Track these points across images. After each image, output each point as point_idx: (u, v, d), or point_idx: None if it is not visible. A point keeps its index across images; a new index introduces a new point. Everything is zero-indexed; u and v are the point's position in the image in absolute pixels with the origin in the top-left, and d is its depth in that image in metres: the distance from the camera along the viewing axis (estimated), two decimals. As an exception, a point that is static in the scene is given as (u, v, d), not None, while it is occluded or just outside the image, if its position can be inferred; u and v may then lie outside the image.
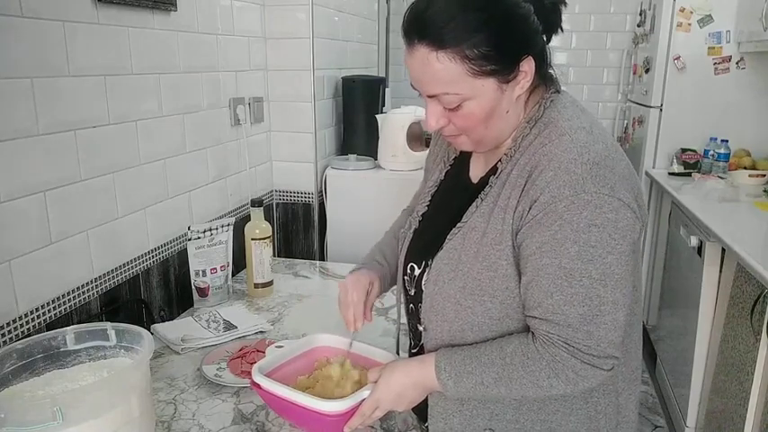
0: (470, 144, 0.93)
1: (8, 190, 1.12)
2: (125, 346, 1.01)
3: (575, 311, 0.82)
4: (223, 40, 1.81)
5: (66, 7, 1.22)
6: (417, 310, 1.01)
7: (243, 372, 1.22)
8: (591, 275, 0.80)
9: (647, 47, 3.05)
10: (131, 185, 1.45)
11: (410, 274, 1.03)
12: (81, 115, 1.28)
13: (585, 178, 0.80)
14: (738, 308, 1.79)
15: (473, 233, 0.90)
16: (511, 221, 0.86)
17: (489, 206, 0.89)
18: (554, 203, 0.80)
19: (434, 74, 0.83)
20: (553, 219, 0.81)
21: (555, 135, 0.85)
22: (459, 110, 0.85)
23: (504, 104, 0.86)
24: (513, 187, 0.86)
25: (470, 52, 0.80)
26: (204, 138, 1.75)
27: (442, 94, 0.84)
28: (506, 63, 0.83)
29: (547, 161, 0.83)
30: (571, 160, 0.82)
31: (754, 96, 2.72)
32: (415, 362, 0.95)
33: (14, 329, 1.15)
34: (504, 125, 0.90)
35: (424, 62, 0.82)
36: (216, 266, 1.60)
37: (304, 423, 1.04)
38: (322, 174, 2.24)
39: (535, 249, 0.83)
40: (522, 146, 0.89)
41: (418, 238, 1.05)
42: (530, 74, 0.85)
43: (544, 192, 0.81)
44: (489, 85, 0.83)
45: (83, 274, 1.32)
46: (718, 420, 1.88)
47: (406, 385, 0.93)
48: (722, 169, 2.66)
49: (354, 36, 2.57)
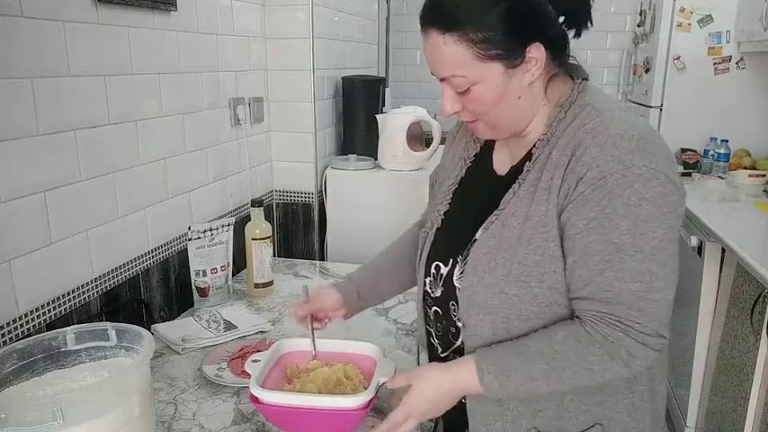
0: (488, 129, 0.93)
1: (8, 190, 1.12)
2: (125, 346, 1.01)
3: (627, 288, 0.80)
4: (223, 40, 1.81)
5: (67, 7, 1.21)
6: (448, 311, 0.99)
7: (243, 372, 1.21)
8: (642, 250, 0.79)
9: (647, 47, 3.05)
10: (131, 185, 1.45)
11: (435, 274, 1.01)
12: (81, 115, 1.28)
13: (634, 152, 0.80)
14: (738, 308, 1.79)
15: (512, 219, 0.88)
16: (555, 200, 0.85)
17: (530, 190, 0.88)
18: (603, 178, 0.80)
19: (442, 56, 0.85)
20: (602, 194, 0.80)
21: (594, 114, 0.86)
22: (469, 93, 0.86)
23: (514, 90, 0.86)
24: (556, 167, 0.85)
25: (475, 36, 0.81)
26: (204, 138, 1.75)
27: (451, 77, 0.86)
28: (512, 48, 0.83)
29: (591, 138, 0.83)
30: (617, 135, 0.81)
31: (754, 96, 2.72)
32: (449, 366, 0.91)
33: (14, 329, 1.15)
34: (519, 111, 0.89)
35: (434, 45, 0.85)
36: (216, 266, 1.60)
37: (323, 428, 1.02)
38: (322, 174, 2.24)
39: (583, 226, 0.82)
40: (559, 129, 0.88)
41: (442, 237, 1.03)
42: (540, 61, 0.85)
43: (592, 167, 0.81)
44: (495, 69, 0.84)
45: (83, 274, 1.32)
46: (718, 420, 1.88)
47: (440, 392, 0.90)
48: (722, 169, 2.66)
49: (354, 36, 2.57)
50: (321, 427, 1.00)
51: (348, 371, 1.08)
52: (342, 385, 1.05)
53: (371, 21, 2.82)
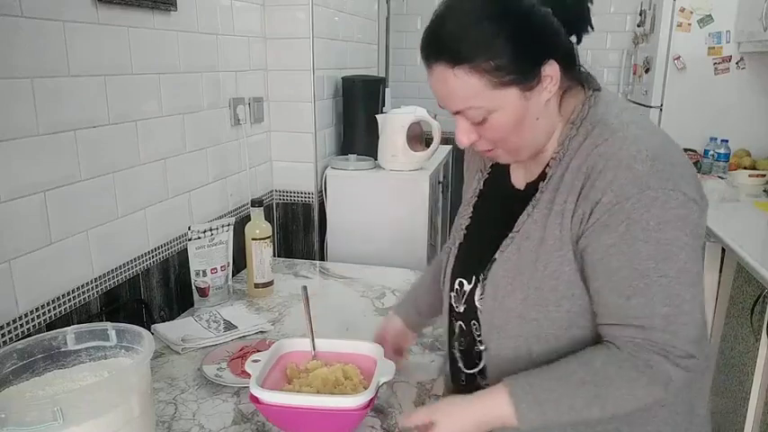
0: (507, 155, 0.91)
1: (8, 190, 1.12)
2: (125, 346, 1.01)
3: (658, 313, 0.78)
4: (223, 40, 1.81)
5: (67, 7, 1.21)
6: (469, 328, 0.97)
7: (243, 372, 1.21)
8: (667, 274, 0.77)
9: (647, 47, 3.05)
10: (131, 185, 1.45)
11: (459, 291, 0.99)
12: (81, 115, 1.28)
13: (649, 174, 0.77)
14: (738, 308, 1.79)
15: (528, 242, 0.87)
16: (569, 226, 0.83)
17: (543, 212, 0.87)
18: (619, 203, 0.78)
19: (454, 90, 0.82)
20: (620, 219, 0.78)
21: (607, 133, 0.83)
22: (486, 123, 0.84)
23: (533, 111, 0.84)
24: (569, 191, 0.84)
25: (486, 65, 0.79)
26: (204, 138, 1.75)
27: (466, 110, 0.83)
28: (526, 71, 0.81)
29: (604, 161, 0.80)
30: (630, 157, 0.79)
31: (754, 96, 2.72)
32: (475, 398, 0.86)
33: (14, 329, 1.15)
34: (538, 132, 0.87)
35: (444, 80, 0.82)
36: (216, 266, 1.60)
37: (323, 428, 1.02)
38: (322, 174, 2.24)
39: (603, 253, 0.80)
40: (572, 148, 0.86)
41: (465, 252, 1.02)
42: (555, 78, 0.83)
43: (606, 193, 0.79)
44: (511, 94, 0.81)
45: (83, 274, 1.32)
46: (718, 420, 1.88)
47: (468, 424, 0.84)
48: (722, 169, 2.66)
49: (354, 36, 2.57)
50: (321, 427, 1.00)
51: (348, 371, 1.08)
52: (341, 385, 1.05)
53: (371, 21, 2.82)
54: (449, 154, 2.80)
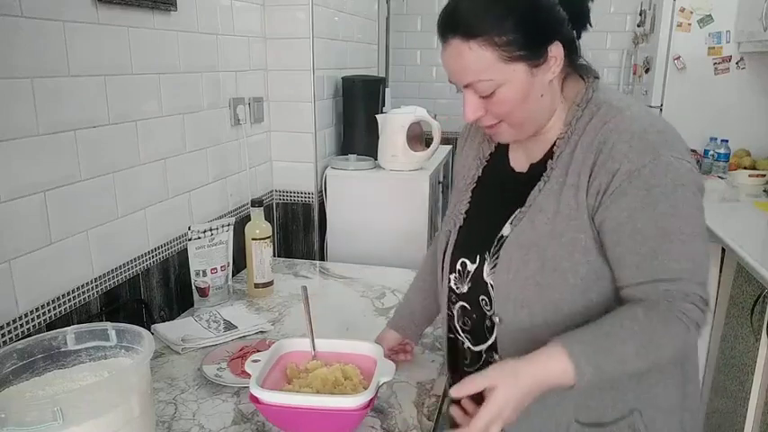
0: (510, 131, 0.95)
1: (8, 190, 1.12)
2: (125, 346, 1.01)
3: (681, 267, 0.85)
4: (223, 40, 1.81)
5: (67, 7, 1.21)
6: (478, 306, 1.01)
7: (243, 372, 1.21)
8: (685, 231, 0.85)
9: (647, 47, 3.05)
10: (131, 185, 1.45)
11: (462, 271, 1.03)
12: (81, 115, 1.28)
13: (661, 144, 0.85)
14: (738, 308, 1.79)
15: (542, 215, 0.92)
16: (585, 197, 0.89)
17: (555, 187, 0.92)
18: (637, 170, 0.84)
19: (468, 63, 0.87)
20: (638, 184, 0.84)
21: (614, 112, 0.90)
22: (494, 96, 0.89)
23: (537, 88, 0.90)
24: (581, 166, 0.89)
25: (499, 39, 0.85)
26: (204, 138, 1.75)
27: (476, 82, 0.89)
28: (534, 48, 0.87)
29: (617, 135, 0.87)
30: (642, 130, 0.87)
31: (754, 96, 2.72)
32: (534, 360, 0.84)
33: (14, 329, 1.15)
34: (540, 109, 0.93)
35: (458, 54, 0.88)
36: (216, 266, 1.60)
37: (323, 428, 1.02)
38: (322, 174, 2.24)
39: (626, 217, 0.86)
40: (579, 127, 0.92)
41: (466, 234, 1.06)
42: (559, 59, 0.90)
43: (623, 162, 0.85)
44: (520, 69, 0.87)
45: (83, 274, 1.32)
46: (718, 420, 1.88)
47: (530, 390, 0.83)
48: (722, 169, 2.66)
49: (354, 36, 2.57)
50: (321, 427, 1.00)
51: (348, 371, 1.08)
52: (341, 385, 1.05)
53: (371, 21, 2.82)
54: (449, 154, 2.80)
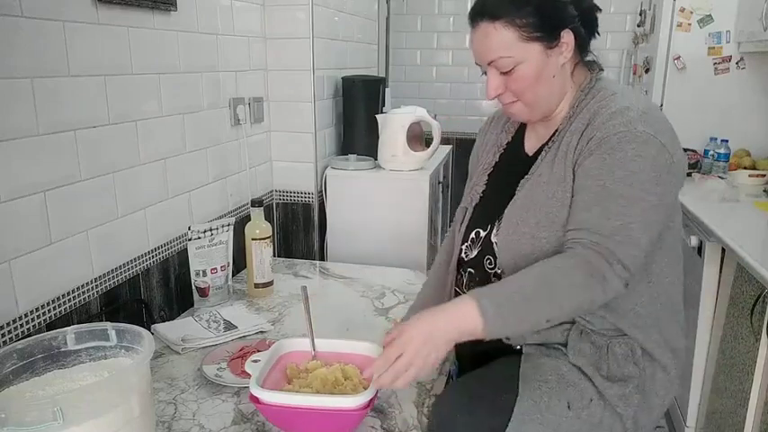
0: (525, 110, 1.08)
1: (8, 190, 1.12)
2: (125, 346, 1.01)
3: (609, 224, 0.94)
4: (223, 40, 1.81)
5: (67, 7, 1.22)
6: (482, 267, 1.12)
7: (243, 372, 1.21)
8: (628, 197, 0.94)
9: (647, 47, 3.05)
10: (131, 185, 1.45)
11: (474, 239, 1.15)
12: (81, 115, 1.28)
13: (637, 120, 0.96)
14: (738, 308, 1.79)
15: (539, 179, 1.06)
16: (572, 158, 1.02)
17: (552, 155, 1.06)
18: (608, 137, 0.96)
19: (492, 42, 1.02)
20: (605, 149, 0.96)
21: (608, 94, 1.04)
22: (513, 73, 1.03)
23: (551, 69, 1.04)
24: (573, 135, 1.03)
25: (520, 21, 1.00)
26: (204, 138, 1.75)
27: (499, 59, 1.03)
28: (549, 31, 1.02)
29: (604, 110, 1.00)
30: (625, 107, 0.99)
31: (754, 96, 2.71)
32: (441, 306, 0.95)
33: (14, 329, 1.15)
34: (552, 90, 1.06)
35: (485, 34, 1.03)
36: (216, 266, 1.60)
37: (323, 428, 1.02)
38: (322, 174, 2.24)
39: (585, 174, 0.98)
40: (580, 107, 1.06)
41: (481, 209, 1.18)
42: (570, 45, 1.04)
43: (600, 129, 0.98)
44: (536, 48, 1.02)
45: (83, 274, 1.32)
46: (718, 420, 1.88)
47: (435, 324, 0.92)
48: (722, 169, 2.66)
49: (354, 36, 2.57)
50: (321, 427, 1.00)
51: (347, 371, 1.08)
52: (341, 385, 1.05)
53: (371, 21, 2.82)
54: (449, 154, 2.80)
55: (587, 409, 0.98)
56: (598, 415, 0.99)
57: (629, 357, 1.02)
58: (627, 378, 1.01)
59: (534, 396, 0.97)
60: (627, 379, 1.01)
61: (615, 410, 1.00)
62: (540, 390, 0.97)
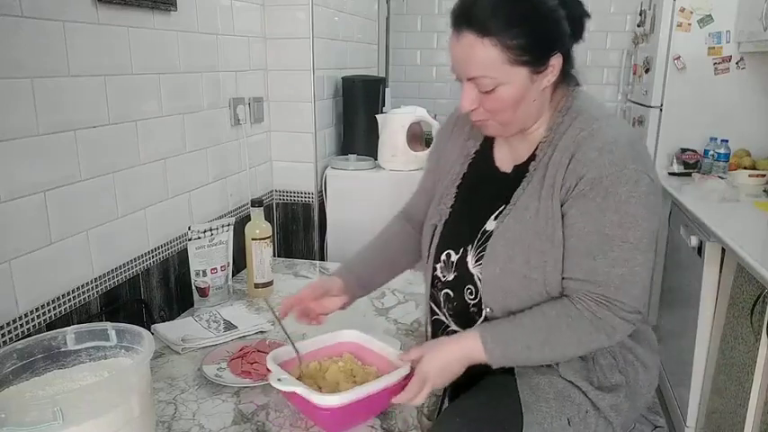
0: (497, 128, 1.02)
1: (8, 190, 1.12)
2: (125, 346, 1.01)
3: (615, 272, 0.93)
4: (223, 40, 1.81)
5: (67, 7, 1.22)
6: (462, 294, 1.08)
7: (243, 372, 1.22)
8: (629, 241, 0.93)
9: (647, 47, 3.05)
10: (131, 185, 1.45)
11: (446, 261, 1.11)
12: (81, 115, 1.28)
13: (626, 157, 0.93)
14: (738, 308, 1.79)
15: (525, 213, 1.00)
16: (559, 196, 0.97)
17: (536, 187, 1.00)
18: (599, 179, 0.93)
19: (477, 58, 0.93)
20: (597, 191, 0.93)
21: (591, 120, 0.98)
22: (493, 93, 0.96)
23: (533, 93, 0.97)
24: (558, 167, 0.98)
25: (511, 42, 0.91)
26: (204, 138, 1.75)
27: (481, 77, 0.95)
28: (539, 56, 0.94)
29: (589, 144, 0.95)
30: (612, 141, 0.94)
31: (754, 96, 2.71)
32: (456, 338, 1.01)
33: (14, 329, 1.15)
34: (530, 112, 1.00)
35: (470, 47, 0.93)
36: (216, 266, 1.60)
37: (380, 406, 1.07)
38: (322, 174, 2.24)
39: (579, 218, 0.95)
40: (559, 132, 1.00)
41: (452, 227, 1.12)
42: (557, 69, 0.97)
43: (590, 169, 0.94)
44: (522, 73, 0.94)
45: (83, 274, 1.32)
46: (718, 420, 1.88)
47: (451, 358, 0.99)
48: (722, 169, 2.66)
49: (354, 36, 2.57)
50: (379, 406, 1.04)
51: (347, 359, 1.12)
52: (356, 375, 1.08)
53: (371, 21, 2.82)
54: (449, 154, 2.79)
55: (584, 421, 0.99)
56: (593, 425, 1.00)
57: (614, 366, 1.04)
58: (616, 387, 1.02)
59: (538, 419, 0.97)
60: (616, 388, 1.02)
61: (607, 419, 1.01)
62: (542, 412, 0.97)
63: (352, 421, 1.04)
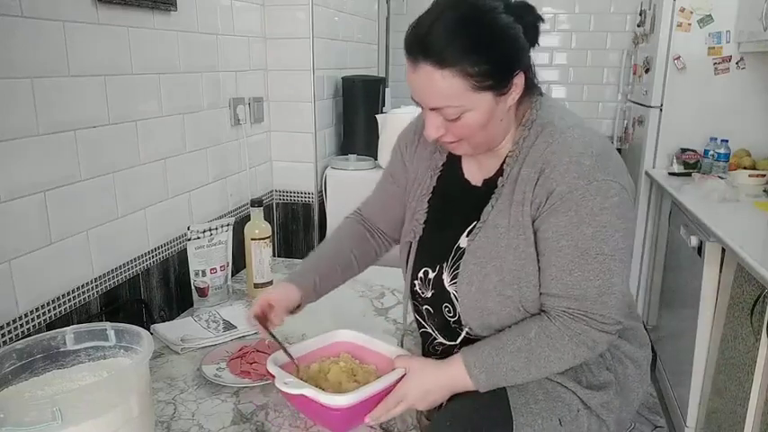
0: (469, 148, 1.00)
1: (8, 190, 1.12)
2: (125, 346, 1.01)
3: (592, 286, 0.93)
4: (223, 40, 1.81)
5: (66, 7, 1.22)
6: (441, 311, 1.07)
7: (242, 372, 1.22)
8: (604, 252, 0.92)
9: (647, 47, 3.05)
10: (131, 185, 1.45)
11: (424, 278, 1.10)
12: (81, 115, 1.28)
13: (594, 168, 0.92)
14: (738, 308, 1.79)
15: (495, 230, 0.99)
16: (529, 211, 0.96)
17: (506, 203, 0.98)
18: (570, 192, 0.91)
19: (438, 89, 0.90)
20: (569, 206, 0.92)
21: (556, 134, 0.96)
22: (459, 120, 0.93)
23: (498, 114, 0.95)
24: (526, 183, 0.96)
25: (471, 69, 0.88)
26: (204, 138, 1.76)
27: (445, 107, 0.92)
28: (502, 79, 0.91)
29: (557, 158, 0.93)
30: (579, 154, 0.93)
31: (754, 96, 2.71)
32: (442, 365, 1.00)
33: (14, 329, 1.15)
34: (499, 131, 0.99)
35: (429, 79, 0.90)
36: (216, 266, 1.60)
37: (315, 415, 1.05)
38: (322, 174, 2.24)
39: (553, 233, 0.93)
40: (525, 146, 0.98)
41: (427, 244, 1.11)
42: (520, 87, 0.94)
43: (560, 183, 0.92)
44: (487, 98, 0.92)
45: (83, 274, 1.32)
46: (718, 420, 1.88)
47: (434, 386, 0.99)
48: (722, 169, 2.66)
49: (354, 36, 2.57)
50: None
51: (345, 358, 1.12)
52: (356, 373, 1.08)
53: (371, 21, 2.82)
54: (449, 154, 2.79)
55: (575, 421, 0.99)
56: (585, 425, 1.00)
57: (602, 364, 1.03)
58: (605, 385, 1.02)
59: (528, 421, 0.96)
60: (605, 386, 1.02)
61: (600, 417, 1.01)
62: (533, 413, 0.97)
63: (359, 420, 1.04)
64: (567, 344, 0.95)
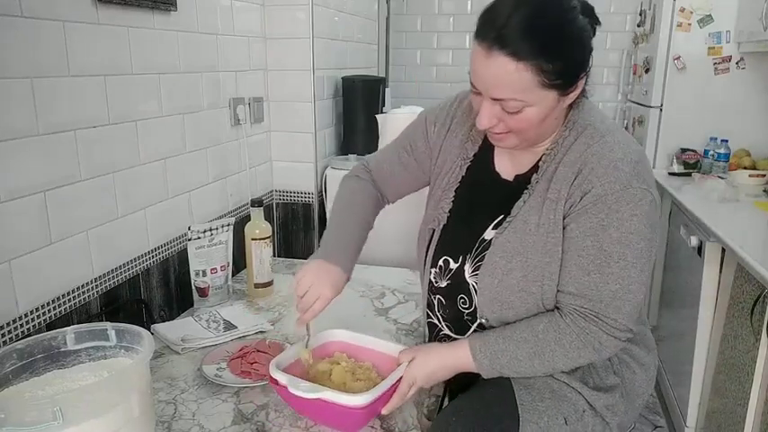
0: (516, 142, 0.99)
1: (8, 190, 1.12)
2: (125, 346, 1.01)
3: (608, 289, 0.93)
4: (223, 40, 1.81)
5: (66, 7, 1.22)
6: (455, 301, 1.08)
7: (243, 372, 1.22)
8: (626, 258, 0.92)
9: (647, 47, 3.05)
10: (131, 185, 1.45)
11: (443, 268, 1.10)
12: (81, 115, 1.28)
13: (631, 175, 0.93)
14: (738, 308, 1.79)
15: (525, 226, 0.99)
16: (562, 210, 0.96)
17: (538, 200, 0.99)
18: (604, 195, 0.92)
19: (509, 81, 0.89)
20: (600, 208, 0.93)
21: (597, 136, 0.97)
22: (518, 114, 0.92)
23: (555, 112, 0.95)
24: (562, 182, 0.97)
25: (546, 66, 0.87)
26: (204, 138, 1.75)
27: (509, 99, 0.91)
28: (571, 79, 0.92)
29: (597, 160, 0.94)
30: (619, 159, 0.94)
31: (755, 96, 2.71)
32: (448, 346, 1.04)
33: (14, 329, 1.15)
34: (551, 129, 0.99)
35: (501, 69, 0.88)
36: (216, 266, 1.60)
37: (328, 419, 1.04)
38: (322, 174, 2.24)
39: (579, 233, 0.94)
40: (564, 146, 0.99)
41: (451, 234, 1.11)
42: (581, 88, 0.95)
43: (596, 185, 0.93)
44: (551, 95, 0.91)
45: (83, 274, 1.32)
46: (718, 420, 1.88)
47: (440, 366, 1.03)
48: (722, 169, 2.66)
49: (354, 36, 2.57)
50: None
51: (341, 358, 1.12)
52: (356, 373, 1.08)
53: (371, 21, 2.82)
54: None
55: (581, 421, 0.99)
56: (590, 426, 1.00)
57: (609, 368, 1.04)
58: (612, 388, 1.03)
59: (533, 418, 0.97)
60: (611, 388, 1.02)
61: (604, 419, 1.01)
62: (539, 411, 0.98)
63: (370, 418, 1.05)
64: (574, 341, 0.95)
